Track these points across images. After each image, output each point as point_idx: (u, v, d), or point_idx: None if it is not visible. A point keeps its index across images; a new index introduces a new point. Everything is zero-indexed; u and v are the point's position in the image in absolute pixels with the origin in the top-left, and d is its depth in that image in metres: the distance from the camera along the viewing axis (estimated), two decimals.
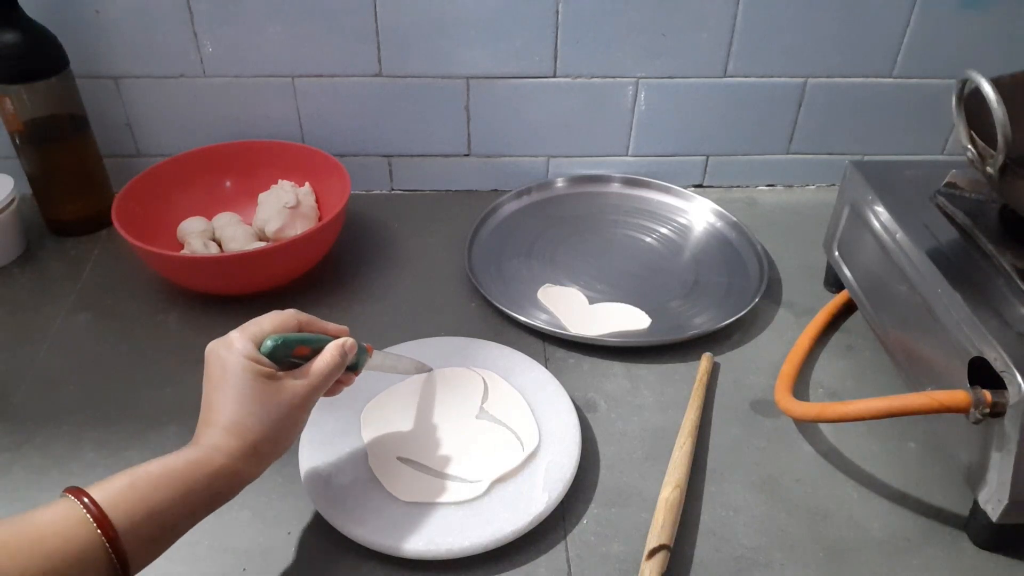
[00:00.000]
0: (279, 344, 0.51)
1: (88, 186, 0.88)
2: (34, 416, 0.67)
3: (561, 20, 0.86)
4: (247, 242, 0.81)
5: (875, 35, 0.88)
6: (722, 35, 0.87)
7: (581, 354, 0.74)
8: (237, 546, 0.57)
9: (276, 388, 0.50)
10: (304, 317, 0.55)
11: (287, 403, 0.50)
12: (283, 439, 0.51)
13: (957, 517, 0.60)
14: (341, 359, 0.54)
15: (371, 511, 0.58)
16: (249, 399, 0.49)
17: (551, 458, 0.62)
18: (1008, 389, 0.51)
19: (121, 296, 0.80)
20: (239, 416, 0.48)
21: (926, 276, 0.62)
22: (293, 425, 0.51)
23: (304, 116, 0.91)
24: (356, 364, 0.57)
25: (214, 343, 0.51)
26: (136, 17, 0.84)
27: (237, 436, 0.48)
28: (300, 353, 0.53)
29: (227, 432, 0.48)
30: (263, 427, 0.49)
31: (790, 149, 0.97)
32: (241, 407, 0.48)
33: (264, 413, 0.49)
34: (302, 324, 0.55)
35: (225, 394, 0.49)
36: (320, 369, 0.52)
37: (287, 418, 0.50)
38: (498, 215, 0.92)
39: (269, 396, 0.49)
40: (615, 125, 0.94)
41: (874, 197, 0.70)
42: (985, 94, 0.55)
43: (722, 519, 0.60)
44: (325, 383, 0.53)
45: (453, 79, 0.89)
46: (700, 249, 0.88)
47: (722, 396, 0.71)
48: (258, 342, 0.51)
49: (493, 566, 0.56)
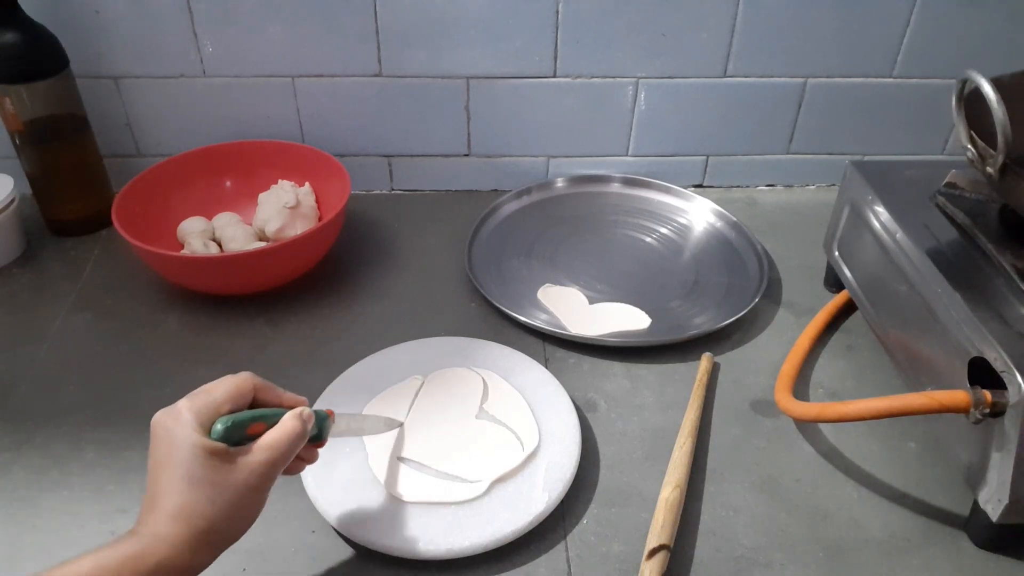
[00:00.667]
0: (230, 427, 0.46)
1: (88, 186, 0.88)
2: (34, 416, 0.67)
3: (561, 20, 0.86)
4: (247, 242, 0.81)
5: (875, 35, 0.88)
6: (722, 35, 0.87)
7: (581, 354, 0.74)
8: (237, 546, 0.57)
9: (229, 468, 0.44)
10: (260, 382, 0.49)
11: (241, 484, 0.45)
12: (237, 525, 0.46)
13: (957, 517, 0.60)
14: (302, 429, 0.48)
15: (371, 511, 0.58)
16: (198, 481, 0.43)
17: (551, 458, 0.62)
18: (1008, 389, 0.51)
19: (121, 296, 0.80)
20: (186, 500, 0.43)
21: (926, 276, 0.61)
22: (249, 508, 0.46)
23: (304, 116, 0.91)
24: (319, 434, 0.52)
25: (161, 413, 0.46)
26: (136, 17, 0.84)
27: (184, 523, 0.43)
28: (255, 431, 0.47)
29: (173, 518, 0.43)
30: (214, 512, 0.43)
31: (790, 149, 0.97)
32: (189, 490, 0.43)
33: (215, 496, 0.44)
34: (257, 388, 0.49)
35: (171, 475, 0.43)
36: (278, 442, 0.47)
37: (242, 501, 0.45)
38: (498, 215, 0.92)
39: (221, 477, 0.44)
40: (615, 125, 0.94)
41: (874, 197, 0.70)
42: (985, 94, 0.55)
43: (722, 519, 0.60)
44: (284, 459, 0.47)
45: (453, 79, 0.89)
46: (700, 249, 0.88)
47: (722, 396, 0.71)
48: (209, 414, 0.46)
49: (493, 566, 0.56)
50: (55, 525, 0.59)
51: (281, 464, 0.47)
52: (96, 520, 0.59)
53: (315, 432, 0.51)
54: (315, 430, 0.51)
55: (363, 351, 0.71)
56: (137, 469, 0.63)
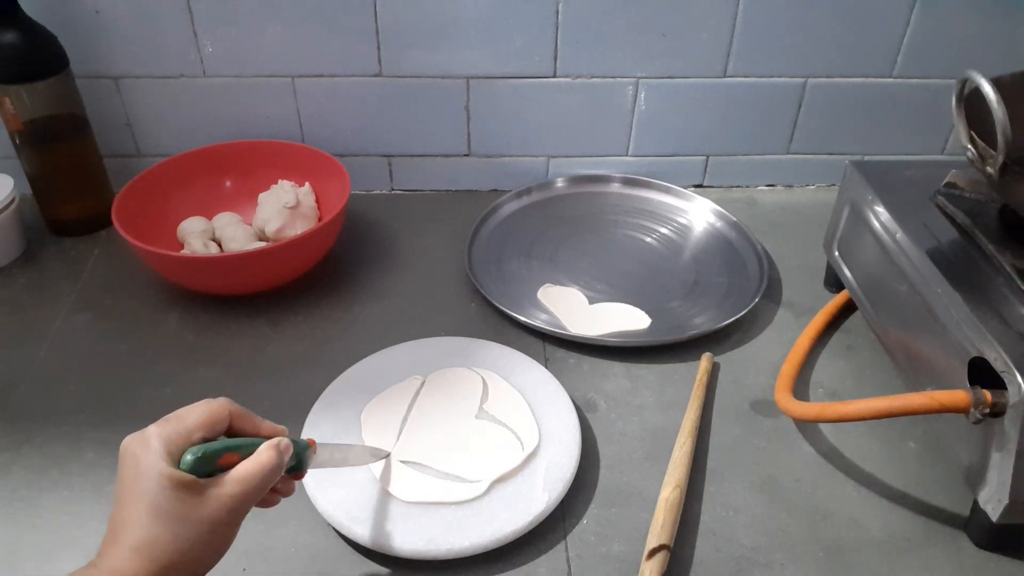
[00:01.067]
0: (200, 459, 0.43)
1: (88, 186, 0.88)
2: (34, 416, 0.67)
3: (561, 20, 0.86)
4: (247, 242, 0.81)
5: (875, 35, 0.88)
6: (722, 35, 0.87)
7: (581, 354, 0.74)
8: (237, 546, 0.57)
9: (196, 501, 0.42)
10: (236, 408, 0.47)
11: (209, 518, 0.42)
12: (204, 560, 0.43)
13: (957, 517, 0.60)
14: (278, 461, 0.45)
15: (371, 511, 0.58)
16: (163, 513, 0.41)
17: (551, 458, 0.62)
18: (1008, 389, 0.51)
19: (121, 296, 0.80)
20: (150, 534, 0.41)
21: (926, 276, 0.61)
22: (217, 544, 0.43)
23: (304, 116, 0.91)
24: (299, 465, 0.49)
25: (129, 439, 0.44)
26: (136, 17, 0.84)
27: (146, 557, 0.40)
28: (228, 462, 0.45)
29: (134, 552, 0.40)
30: (178, 547, 0.41)
31: (790, 149, 0.97)
32: (153, 523, 0.41)
33: (180, 530, 0.41)
34: (234, 416, 0.47)
35: (135, 506, 0.41)
36: (251, 475, 0.44)
37: (210, 535, 0.42)
38: (498, 215, 0.92)
39: (188, 510, 0.42)
40: (615, 125, 0.94)
41: (874, 197, 0.70)
42: (985, 94, 0.55)
43: (722, 519, 0.60)
44: (257, 492, 0.44)
45: (453, 79, 0.89)
46: (700, 249, 0.88)
47: (722, 396, 0.71)
48: (179, 442, 0.43)
49: (493, 566, 0.56)
50: (55, 525, 0.59)
51: (254, 498, 0.45)
52: (96, 520, 0.59)
53: (293, 463, 0.48)
54: (293, 461, 0.48)
55: (363, 351, 0.71)
56: None
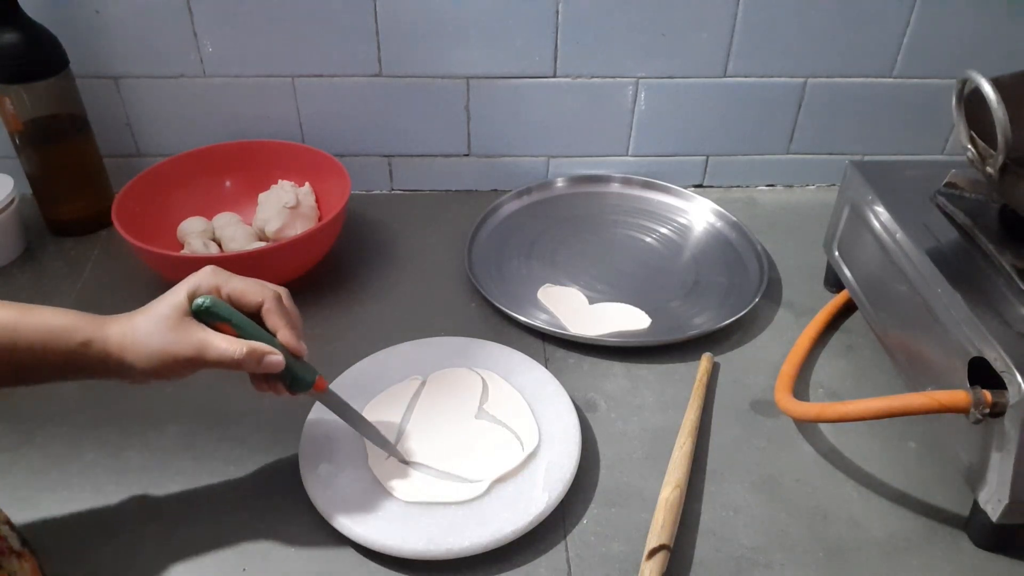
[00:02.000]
0: (198, 307, 0.51)
1: (88, 186, 0.88)
2: (34, 416, 0.67)
3: (561, 20, 0.86)
4: (247, 242, 0.81)
5: (875, 35, 0.88)
6: (722, 35, 0.87)
7: (581, 354, 0.74)
8: (237, 546, 0.57)
9: (175, 325, 0.51)
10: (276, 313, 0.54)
11: (172, 342, 0.51)
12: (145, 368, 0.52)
13: (957, 517, 0.60)
14: (238, 359, 0.51)
15: (371, 511, 0.58)
16: (153, 314, 0.52)
17: (551, 458, 0.62)
18: (1008, 389, 0.51)
19: (121, 296, 0.80)
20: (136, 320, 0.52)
21: (926, 276, 0.62)
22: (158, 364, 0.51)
23: (304, 116, 0.91)
24: (292, 384, 0.55)
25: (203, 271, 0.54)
26: (136, 17, 0.84)
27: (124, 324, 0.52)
28: (223, 328, 0.52)
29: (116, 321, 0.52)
30: (139, 338, 0.51)
31: (790, 149, 0.97)
32: (144, 317, 0.52)
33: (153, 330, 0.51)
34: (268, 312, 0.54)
35: (146, 311, 0.53)
36: (211, 348, 0.51)
37: (160, 353, 0.51)
38: (498, 215, 0.92)
39: (165, 327, 0.51)
40: (615, 125, 0.94)
41: (874, 197, 0.70)
42: (985, 94, 0.55)
43: (722, 519, 0.60)
44: (205, 363, 0.51)
45: (453, 79, 0.89)
46: (700, 249, 0.88)
47: (722, 396, 0.71)
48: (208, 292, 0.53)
49: (493, 566, 0.56)
50: (55, 525, 0.58)
51: (200, 365, 0.52)
52: (96, 520, 0.59)
53: (290, 378, 0.54)
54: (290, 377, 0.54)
55: (363, 351, 0.71)
56: (137, 469, 0.63)
